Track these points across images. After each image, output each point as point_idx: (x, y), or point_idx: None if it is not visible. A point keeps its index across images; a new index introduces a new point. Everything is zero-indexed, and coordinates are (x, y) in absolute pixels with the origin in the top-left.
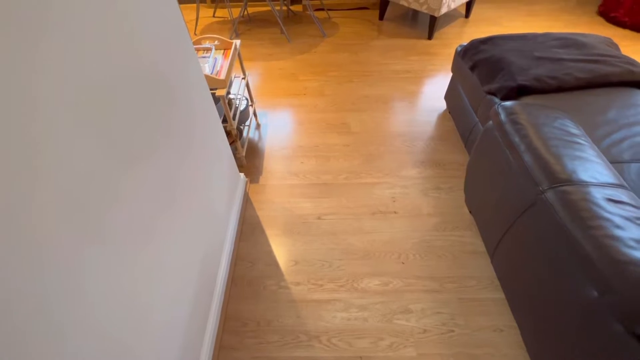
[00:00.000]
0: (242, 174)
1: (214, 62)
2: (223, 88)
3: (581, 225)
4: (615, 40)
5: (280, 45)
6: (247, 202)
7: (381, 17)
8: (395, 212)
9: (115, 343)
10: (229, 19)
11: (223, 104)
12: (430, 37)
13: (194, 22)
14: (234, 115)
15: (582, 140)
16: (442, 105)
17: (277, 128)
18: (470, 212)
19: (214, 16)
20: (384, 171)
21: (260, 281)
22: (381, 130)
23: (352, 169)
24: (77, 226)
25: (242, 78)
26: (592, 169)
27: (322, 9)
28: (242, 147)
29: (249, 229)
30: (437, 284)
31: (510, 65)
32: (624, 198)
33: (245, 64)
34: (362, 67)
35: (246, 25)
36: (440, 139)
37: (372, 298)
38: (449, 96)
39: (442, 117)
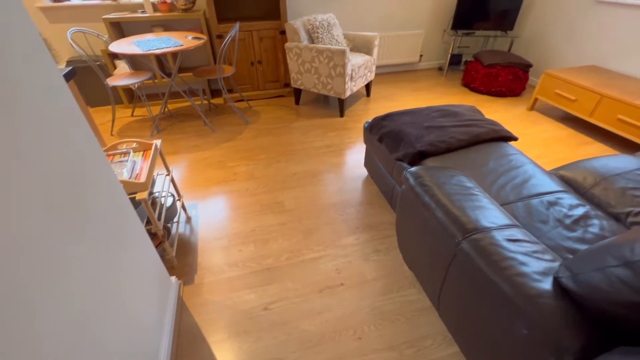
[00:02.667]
0: (173, 277)
1: (133, 166)
2: (144, 191)
3: (495, 268)
4: (477, 102)
5: (205, 136)
6: (182, 308)
7: (297, 102)
8: (342, 284)
9: None
10: (149, 116)
11: (145, 206)
12: (342, 115)
13: (111, 123)
14: (159, 214)
15: (476, 191)
16: (364, 172)
17: (209, 218)
18: (410, 268)
19: (132, 115)
20: (324, 243)
21: None
22: (314, 204)
23: (293, 247)
24: None
25: (166, 174)
26: (490, 215)
27: (242, 100)
28: (172, 246)
29: (188, 341)
30: (397, 352)
31: (408, 136)
32: (519, 236)
33: (169, 158)
34: (286, 147)
35: (168, 121)
36: (368, 203)
37: None
38: (367, 164)
39: (366, 182)
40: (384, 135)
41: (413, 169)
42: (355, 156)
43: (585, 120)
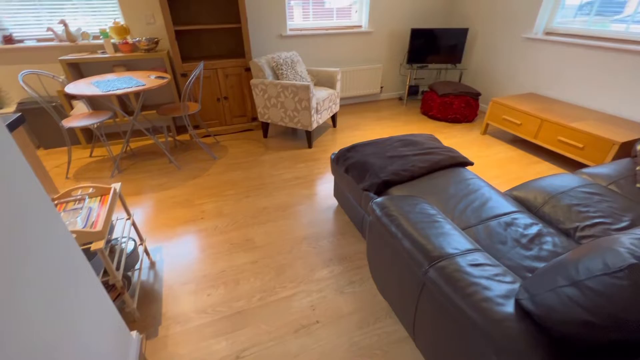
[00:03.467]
0: (134, 332)
1: (89, 213)
2: (100, 240)
3: (461, 294)
4: (436, 128)
5: (171, 174)
6: None
7: (265, 135)
8: (317, 322)
9: None
10: (109, 156)
11: (102, 257)
12: (310, 146)
13: (67, 165)
14: (118, 263)
15: (439, 218)
16: (334, 202)
17: (175, 262)
18: (384, 298)
19: (91, 156)
20: (297, 279)
21: None
22: (286, 238)
23: (265, 286)
24: None
25: (127, 218)
26: (453, 241)
27: (209, 135)
28: (132, 297)
29: None
30: None
31: (373, 166)
32: (482, 260)
33: (132, 199)
34: (256, 181)
35: (130, 160)
36: (340, 234)
37: None
38: (337, 194)
39: (336, 212)
40: (350, 167)
41: (379, 199)
42: (325, 186)
43: (531, 142)
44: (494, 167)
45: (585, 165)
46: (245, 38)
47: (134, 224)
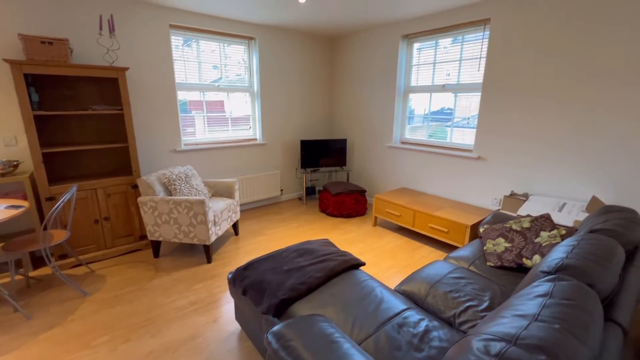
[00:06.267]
0: None
1: None
2: None
3: None
4: (334, 224)
5: (14, 327)
6: None
7: (156, 255)
8: None
9: None
10: None
11: None
12: (209, 261)
13: None
14: None
15: (338, 336)
16: (237, 326)
17: None
18: None
19: None
20: None
21: None
22: None
23: None
24: None
25: None
26: None
27: (80, 264)
28: None
29: None
30: None
31: (270, 284)
32: None
33: None
34: (141, 316)
35: None
36: None
37: None
38: (239, 317)
39: (240, 338)
40: (247, 287)
41: (275, 329)
42: (226, 307)
43: (412, 229)
44: (387, 257)
45: (453, 246)
46: (132, 156)
47: None
